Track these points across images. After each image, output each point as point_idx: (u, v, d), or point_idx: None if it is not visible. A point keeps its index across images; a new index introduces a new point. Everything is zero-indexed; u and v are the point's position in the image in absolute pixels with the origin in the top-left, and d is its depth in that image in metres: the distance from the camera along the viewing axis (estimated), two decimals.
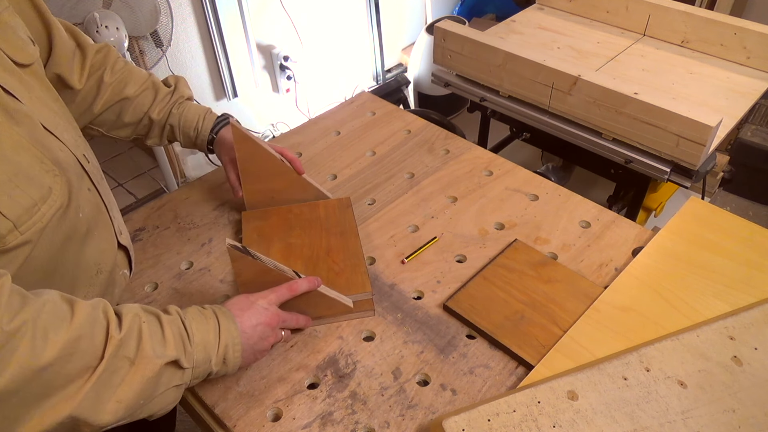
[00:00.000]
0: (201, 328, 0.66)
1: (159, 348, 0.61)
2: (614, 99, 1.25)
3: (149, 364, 0.60)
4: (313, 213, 0.98)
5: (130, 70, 0.93)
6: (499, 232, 0.98)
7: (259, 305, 0.72)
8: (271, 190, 0.98)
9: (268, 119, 2.55)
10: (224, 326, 0.68)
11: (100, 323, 0.58)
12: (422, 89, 2.67)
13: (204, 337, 0.66)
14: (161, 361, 0.61)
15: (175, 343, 0.63)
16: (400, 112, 1.29)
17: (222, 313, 0.69)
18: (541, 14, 1.81)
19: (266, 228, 0.95)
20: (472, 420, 0.66)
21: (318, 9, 2.46)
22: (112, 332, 0.58)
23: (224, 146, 0.97)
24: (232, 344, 0.68)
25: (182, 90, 0.97)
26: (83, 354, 0.55)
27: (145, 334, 0.61)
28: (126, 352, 0.58)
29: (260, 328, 0.71)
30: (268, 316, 0.72)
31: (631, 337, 0.78)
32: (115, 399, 0.57)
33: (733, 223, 0.95)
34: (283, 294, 0.75)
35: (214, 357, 0.66)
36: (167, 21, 1.74)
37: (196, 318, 0.67)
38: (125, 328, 0.59)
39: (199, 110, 0.97)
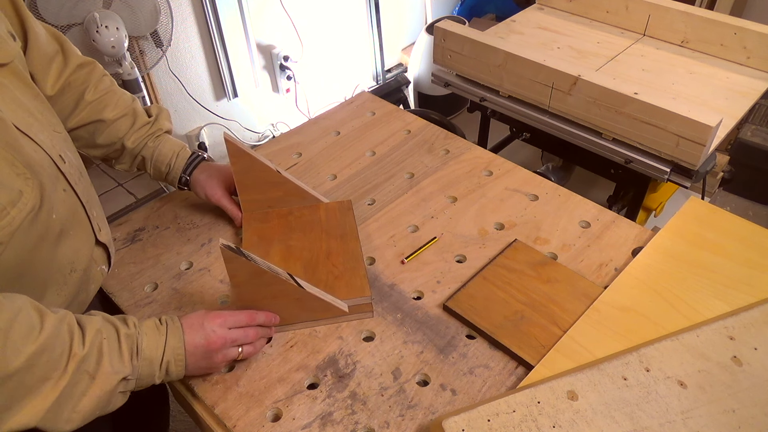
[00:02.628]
0: (150, 345, 0.69)
1: (117, 364, 0.64)
2: (614, 99, 1.25)
3: (108, 379, 0.63)
4: (314, 215, 0.98)
5: (113, 93, 0.91)
6: (499, 232, 0.98)
7: (207, 327, 0.72)
8: (268, 200, 0.98)
9: (268, 119, 2.55)
10: (170, 343, 0.70)
11: (63, 338, 0.60)
12: (422, 89, 2.67)
13: (151, 353, 0.68)
14: (119, 376, 0.64)
15: (128, 358, 0.66)
16: (399, 112, 1.29)
17: (172, 330, 0.71)
18: (541, 14, 1.81)
19: (267, 230, 0.95)
20: (472, 420, 0.66)
21: (318, 9, 2.46)
22: (75, 349, 0.61)
23: (206, 185, 0.96)
24: (175, 360, 0.70)
25: (162, 122, 0.95)
26: (43, 367, 0.57)
27: (105, 351, 0.63)
28: (87, 366, 0.61)
29: (201, 349, 0.72)
30: (212, 339, 0.72)
31: (631, 337, 0.78)
32: (74, 410, 0.61)
33: (733, 223, 0.95)
34: (239, 320, 0.75)
35: (157, 371, 0.69)
36: (167, 21, 1.74)
37: (150, 333, 0.69)
38: (87, 343, 0.62)
39: (174, 146, 0.95)
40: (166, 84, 2.13)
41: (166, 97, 2.16)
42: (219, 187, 0.97)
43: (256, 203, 0.97)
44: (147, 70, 1.88)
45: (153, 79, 2.07)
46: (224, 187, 0.97)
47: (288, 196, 0.98)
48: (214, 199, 0.97)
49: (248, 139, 2.50)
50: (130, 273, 0.92)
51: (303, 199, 0.99)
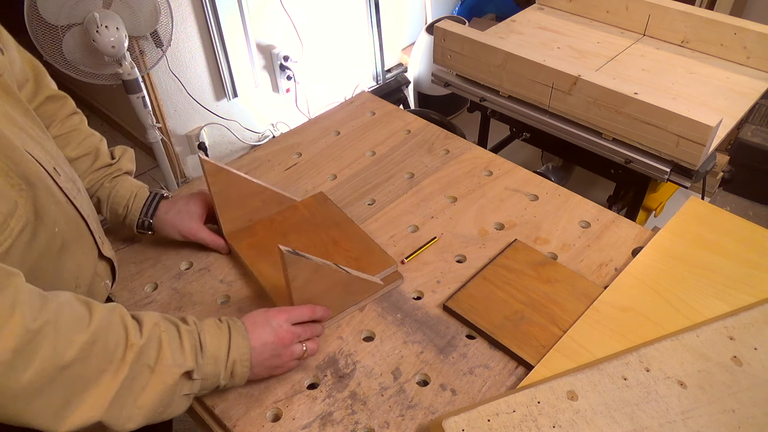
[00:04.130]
0: (214, 342, 0.67)
1: (178, 357, 0.62)
2: (614, 99, 1.25)
3: (169, 372, 0.61)
4: (297, 215, 0.98)
5: (80, 131, 0.87)
6: (498, 232, 0.98)
7: (272, 324, 0.72)
8: (248, 212, 0.96)
9: (268, 119, 2.55)
10: (235, 342, 0.68)
11: (116, 328, 0.59)
12: (422, 89, 2.67)
13: (215, 352, 0.67)
14: (180, 370, 0.62)
15: (191, 353, 0.64)
16: (399, 112, 1.29)
17: (236, 328, 0.70)
18: (541, 14, 1.81)
19: (260, 242, 0.93)
20: (472, 420, 0.66)
21: (318, 9, 2.46)
22: (133, 339, 0.59)
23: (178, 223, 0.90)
24: (241, 360, 0.69)
25: (123, 163, 0.90)
26: (99, 357, 0.56)
27: (165, 343, 0.62)
28: (146, 359, 0.60)
29: (271, 346, 0.71)
30: (280, 334, 0.72)
31: (630, 337, 0.78)
32: (136, 405, 0.59)
33: (733, 223, 0.95)
34: (302, 314, 0.75)
35: (223, 372, 0.68)
36: (167, 21, 1.74)
37: (211, 331, 0.68)
38: (145, 335, 0.61)
39: (132, 186, 0.89)
40: (166, 84, 2.13)
41: (166, 97, 2.16)
42: (193, 221, 0.91)
43: (238, 219, 0.95)
44: (147, 70, 1.88)
45: (153, 79, 2.07)
46: (197, 219, 0.92)
47: (266, 204, 0.97)
48: (192, 235, 0.91)
49: (248, 139, 2.50)
50: (130, 273, 0.92)
51: (280, 204, 0.99)
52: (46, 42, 1.58)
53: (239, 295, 0.88)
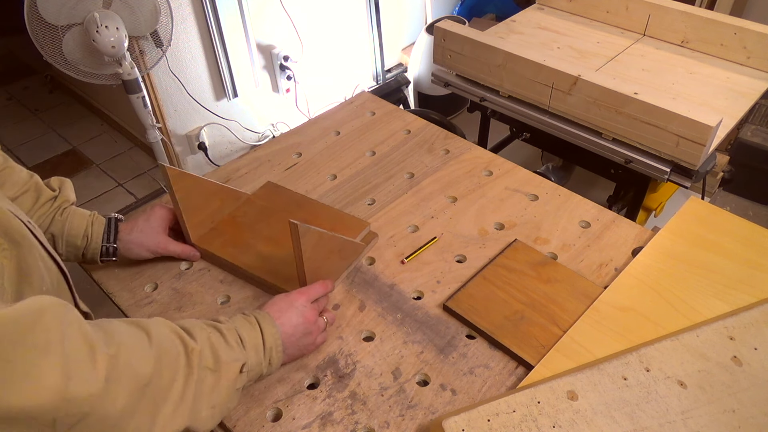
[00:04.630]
0: (250, 335, 0.70)
1: (231, 354, 0.66)
2: (614, 99, 1.25)
3: (229, 369, 0.65)
4: (256, 207, 1.00)
5: (11, 169, 0.81)
6: (498, 232, 0.98)
7: (298, 305, 0.76)
8: (211, 213, 0.96)
9: (268, 119, 2.55)
10: (267, 330, 0.71)
11: (173, 339, 0.61)
12: (422, 89, 2.67)
13: (254, 343, 0.70)
14: (237, 364, 0.66)
15: (238, 349, 0.67)
16: (399, 112, 1.29)
17: (263, 318, 0.73)
18: (541, 14, 1.81)
19: (232, 239, 0.94)
20: (472, 420, 0.66)
21: (318, 9, 2.46)
22: (191, 345, 0.62)
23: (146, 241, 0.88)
24: (275, 346, 0.72)
25: (67, 194, 0.86)
26: (168, 369, 0.58)
27: (216, 344, 0.65)
28: (206, 362, 0.62)
29: (302, 327, 0.75)
30: (306, 314, 0.76)
31: (630, 337, 0.78)
32: (210, 406, 0.62)
33: (733, 223, 0.95)
34: (318, 291, 0.80)
35: (263, 360, 0.70)
36: (167, 21, 1.74)
37: (244, 325, 0.70)
38: (199, 340, 0.63)
39: (84, 215, 0.85)
40: (166, 84, 2.13)
41: (166, 97, 2.16)
42: (159, 235, 0.90)
43: (202, 223, 0.95)
44: (147, 70, 1.88)
45: (153, 79, 2.07)
46: (162, 233, 0.90)
47: (224, 203, 0.98)
48: (162, 249, 0.90)
49: (248, 139, 2.50)
50: (130, 273, 0.92)
51: (236, 200, 1.01)
52: (46, 42, 1.58)
53: (239, 295, 0.88)
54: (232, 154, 2.49)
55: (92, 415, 0.49)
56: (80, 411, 0.48)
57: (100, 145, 2.66)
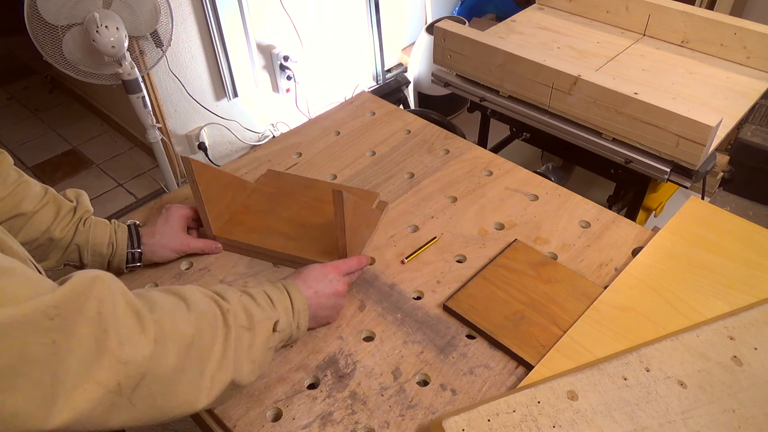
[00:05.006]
0: (279, 297, 0.73)
1: (262, 312, 0.69)
2: (614, 99, 1.25)
3: (263, 326, 0.68)
4: (265, 193, 1.03)
5: (26, 183, 0.81)
6: (499, 232, 0.98)
7: (331, 277, 0.80)
8: (227, 205, 0.98)
9: (268, 119, 2.55)
10: (294, 296, 0.75)
11: (208, 301, 0.64)
12: (422, 89, 2.67)
13: (284, 304, 0.73)
14: (270, 321, 0.69)
15: (269, 308, 0.70)
16: (399, 112, 1.29)
17: (290, 285, 0.76)
18: (541, 14, 1.81)
19: (253, 226, 0.96)
20: (472, 420, 0.66)
21: (318, 9, 2.46)
22: (225, 306, 0.65)
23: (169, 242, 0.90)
24: (303, 310, 0.75)
25: (86, 205, 0.87)
26: (208, 329, 0.61)
27: (247, 304, 0.68)
28: (240, 321, 0.65)
29: (332, 299, 0.80)
30: (338, 286, 0.81)
31: (631, 337, 0.78)
32: (251, 360, 0.65)
33: (733, 223, 0.95)
34: (352, 266, 0.85)
35: (293, 321, 0.74)
36: (167, 21, 1.74)
37: (272, 290, 0.74)
38: (231, 301, 0.66)
39: (106, 225, 0.87)
40: (166, 84, 2.13)
41: (166, 97, 2.16)
42: (182, 235, 0.92)
43: (220, 214, 0.96)
44: (147, 70, 1.88)
45: (153, 79, 2.07)
46: (183, 233, 0.92)
47: (236, 194, 1.01)
48: (186, 248, 0.92)
49: (248, 139, 2.51)
50: (130, 274, 0.92)
51: (245, 190, 1.03)
52: (46, 42, 1.58)
53: None
54: (232, 154, 2.49)
55: (149, 374, 0.53)
56: (138, 372, 0.52)
57: (100, 145, 2.66)
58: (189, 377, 0.58)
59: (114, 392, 0.51)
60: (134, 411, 0.53)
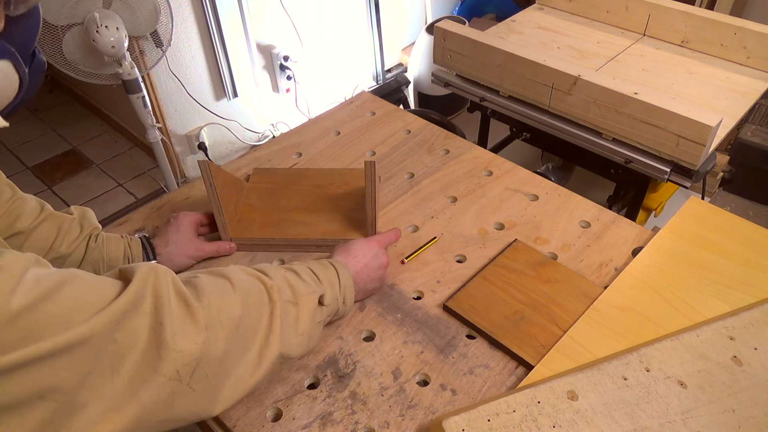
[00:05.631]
0: (324, 272, 0.75)
1: (307, 287, 0.71)
2: (614, 99, 1.25)
3: (308, 300, 0.70)
4: (263, 190, 1.04)
5: (22, 200, 0.79)
6: (499, 232, 0.98)
7: (376, 251, 0.84)
8: (234, 204, 0.98)
9: (268, 119, 2.55)
10: (340, 271, 0.77)
11: (252, 280, 0.66)
12: (422, 89, 2.67)
13: (329, 278, 0.75)
14: (315, 295, 0.71)
15: (314, 283, 0.72)
16: (399, 112, 1.29)
17: (335, 262, 0.78)
18: (541, 14, 1.81)
19: (267, 221, 0.97)
20: (472, 420, 0.66)
21: (318, 9, 2.46)
22: (269, 282, 0.67)
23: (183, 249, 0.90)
24: (349, 286, 0.78)
25: (93, 221, 0.86)
26: (254, 308, 0.64)
27: (291, 280, 0.70)
28: (286, 296, 0.67)
29: (379, 271, 0.84)
30: (382, 259, 0.85)
31: (631, 337, 0.78)
32: (298, 333, 0.67)
33: (733, 223, 0.95)
34: (391, 238, 0.90)
35: (339, 296, 0.76)
36: (167, 21, 1.74)
37: (317, 266, 0.76)
38: (275, 277, 0.68)
39: (118, 239, 0.86)
40: (166, 84, 2.13)
41: (166, 97, 2.16)
42: (195, 242, 0.91)
43: (231, 216, 0.96)
44: (147, 70, 1.88)
45: (153, 79, 2.07)
46: (195, 239, 0.92)
47: (238, 193, 1.02)
48: (202, 253, 0.92)
49: (248, 139, 2.51)
50: None
51: (243, 189, 1.04)
52: (46, 42, 1.58)
53: None
54: (232, 154, 2.49)
55: (203, 359, 0.56)
56: (193, 358, 0.55)
57: (100, 145, 2.66)
58: (239, 355, 0.61)
59: (174, 380, 0.54)
60: (194, 395, 0.56)
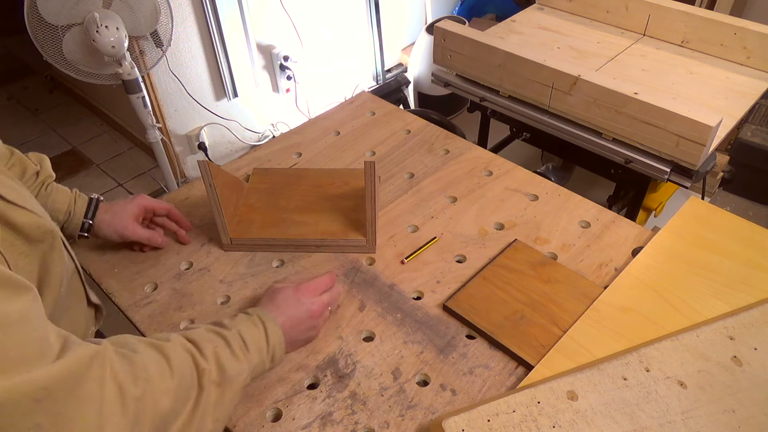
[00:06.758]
0: (254, 337, 0.71)
1: (236, 366, 0.66)
2: (614, 99, 1.25)
3: (233, 384, 0.66)
4: (262, 190, 1.04)
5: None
6: (499, 232, 0.98)
7: (305, 301, 0.78)
8: (234, 206, 0.98)
9: (268, 119, 2.55)
10: (270, 330, 0.73)
11: (188, 361, 0.62)
12: (422, 89, 2.67)
13: (258, 344, 0.71)
14: (240, 377, 0.67)
15: (242, 356, 0.68)
16: (399, 112, 1.29)
17: (267, 319, 0.74)
18: (541, 14, 1.81)
19: (268, 222, 0.97)
20: (472, 420, 0.66)
21: (318, 9, 2.46)
22: (202, 365, 0.63)
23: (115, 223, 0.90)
24: (279, 344, 0.73)
25: (48, 170, 0.86)
26: (184, 393, 0.60)
27: (222, 358, 0.65)
28: (213, 377, 0.63)
29: (307, 322, 0.78)
30: (313, 310, 0.78)
31: (631, 337, 0.78)
32: (213, 419, 0.63)
33: (733, 223, 0.95)
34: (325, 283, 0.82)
35: (267, 358, 0.72)
36: (167, 21, 1.74)
37: (248, 326, 0.71)
38: (208, 357, 0.64)
39: (66, 192, 0.87)
40: (166, 84, 2.13)
41: (166, 97, 2.16)
42: (129, 220, 0.91)
43: (231, 217, 0.96)
44: (147, 70, 1.88)
45: (153, 79, 2.07)
46: (133, 219, 0.92)
47: (237, 194, 1.01)
48: (130, 233, 0.91)
49: (248, 139, 2.50)
50: (130, 273, 0.92)
51: (242, 189, 1.04)
52: (46, 42, 1.58)
53: (239, 295, 0.88)
54: (232, 154, 2.49)
55: None
56: None
57: (100, 145, 2.66)
58: None
59: None
60: None
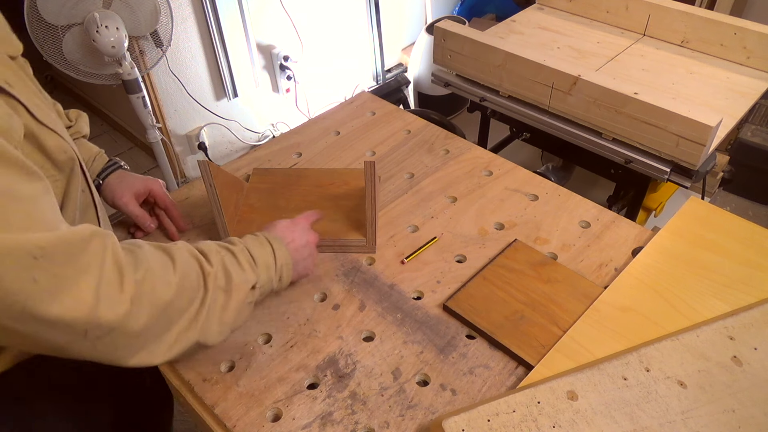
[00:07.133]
0: (262, 254, 0.75)
1: (242, 274, 0.71)
2: (614, 99, 1.25)
3: (240, 290, 0.70)
4: (262, 190, 1.04)
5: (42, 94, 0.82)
6: (499, 232, 0.98)
7: (302, 227, 0.84)
8: (235, 206, 0.98)
9: (268, 119, 2.55)
10: (278, 250, 0.77)
11: (193, 263, 0.66)
12: (422, 89, 2.67)
13: (266, 261, 0.75)
14: (247, 285, 0.71)
15: (249, 269, 0.72)
16: (400, 112, 1.29)
17: (274, 239, 0.78)
18: (541, 14, 1.81)
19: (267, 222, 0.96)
20: (472, 420, 0.66)
21: (318, 9, 2.46)
22: (207, 268, 0.67)
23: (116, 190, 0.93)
24: (286, 264, 0.78)
25: (81, 126, 0.91)
26: (188, 291, 0.64)
27: (228, 266, 0.70)
28: (219, 283, 0.68)
29: (308, 248, 0.83)
30: (310, 236, 0.84)
31: (631, 337, 0.78)
32: (221, 322, 0.68)
33: (733, 223, 0.95)
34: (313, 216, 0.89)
35: (274, 276, 0.76)
36: (167, 21, 1.74)
37: (255, 245, 0.75)
38: (214, 263, 0.68)
39: (91, 150, 0.92)
40: (166, 84, 2.13)
41: (166, 97, 2.16)
42: (126, 193, 0.93)
43: (231, 217, 0.96)
44: (147, 70, 1.88)
45: (153, 79, 2.07)
46: (132, 194, 0.94)
47: (239, 195, 1.02)
48: (121, 203, 0.93)
49: (248, 139, 2.50)
50: None
51: (243, 189, 1.04)
52: (46, 42, 1.58)
53: None
54: (232, 154, 2.49)
55: (117, 330, 0.57)
56: (108, 327, 0.56)
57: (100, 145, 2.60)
58: (158, 333, 0.61)
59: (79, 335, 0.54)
60: (93, 351, 0.57)
